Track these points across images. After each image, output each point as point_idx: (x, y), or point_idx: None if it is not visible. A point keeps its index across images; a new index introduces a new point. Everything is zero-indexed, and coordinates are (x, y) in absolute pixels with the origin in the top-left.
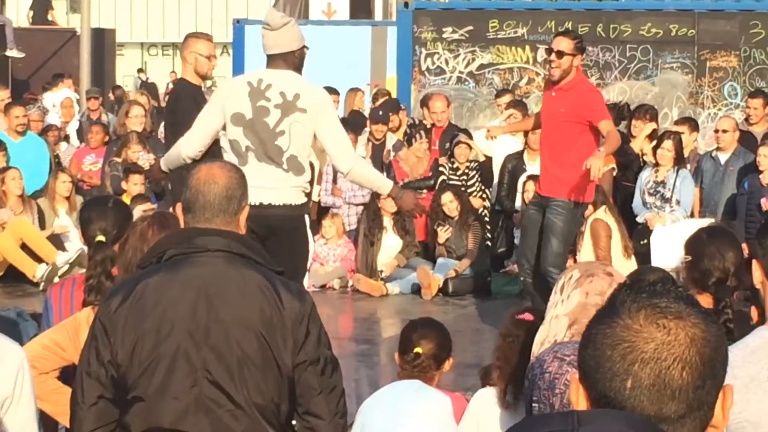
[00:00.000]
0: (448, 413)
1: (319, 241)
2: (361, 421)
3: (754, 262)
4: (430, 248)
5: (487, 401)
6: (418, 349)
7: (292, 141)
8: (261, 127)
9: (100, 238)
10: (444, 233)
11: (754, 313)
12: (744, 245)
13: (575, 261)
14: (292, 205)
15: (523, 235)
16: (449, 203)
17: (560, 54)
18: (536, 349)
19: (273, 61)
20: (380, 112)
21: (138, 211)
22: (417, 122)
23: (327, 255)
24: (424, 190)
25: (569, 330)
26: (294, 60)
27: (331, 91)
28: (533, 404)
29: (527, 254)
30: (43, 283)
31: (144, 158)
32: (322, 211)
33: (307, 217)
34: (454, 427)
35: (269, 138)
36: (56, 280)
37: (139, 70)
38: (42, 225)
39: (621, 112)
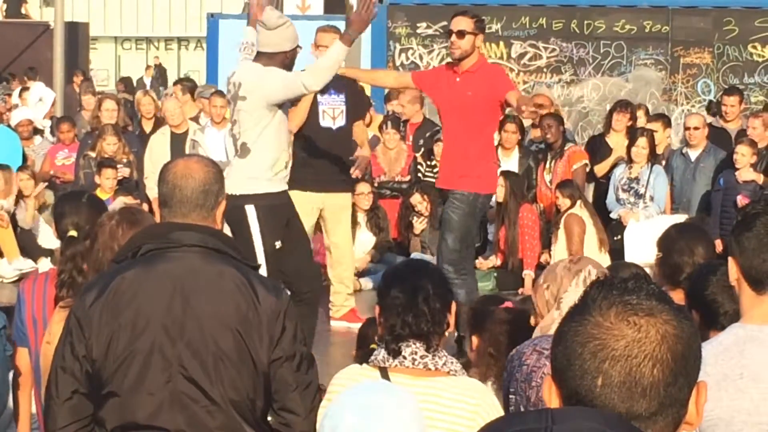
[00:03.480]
0: (416, 409)
1: None
2: (331, 425)
3: (730, 259)
4: (404, 246)
5: None
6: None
7: (242, 128)
8: (230, 122)
9: (72, 233)
10: (419, 224)
11: (695, 316)
12: (718, 241)
13: (549, 256)
14: (231, 195)
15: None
16: (419, 204)
17: (461, 34)
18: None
19: (259, 57)
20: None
21: (119, 203)
22: (390, 113)
23: None
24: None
25: None
26: (284, 60)
27: None
28: (510, 395)
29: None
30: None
31: (121, 169)
32: None
33: (251, 208)
34: (423, 422)
35: (232, 128)
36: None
37: None
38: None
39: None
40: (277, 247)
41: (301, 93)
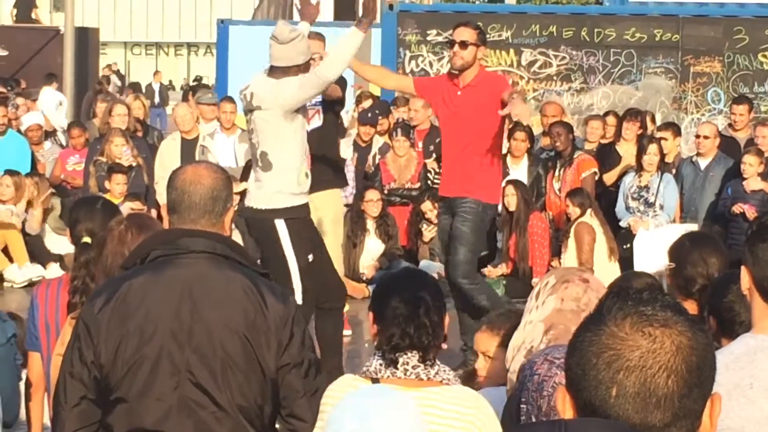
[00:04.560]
0: (417, 413)
1: None
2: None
3: (742, 268)
4: (413, 253)
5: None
6: None
7: (260, 137)
8: (247, 131)
9: (86, 239)
10: (428, 232)
11: (712, 323)
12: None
13: (560, 264)
14: (260, 209)
15: (444, 248)
16: (429, 211)
17: (464, 44)
18: (510, 354)
19: (273, 71)
20: (369, 114)
21: (126, 209)
22: (400, 120)
23: None
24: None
25: (545, 336)
26: (298, 73)
27: None
28: (521, 405)
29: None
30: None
31: (127, 154)
32: None
33: (281, 222)
34: (424, 426)
35: (250, 139)
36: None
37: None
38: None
39: None
40: (310, 260)
41: (318, 86)
